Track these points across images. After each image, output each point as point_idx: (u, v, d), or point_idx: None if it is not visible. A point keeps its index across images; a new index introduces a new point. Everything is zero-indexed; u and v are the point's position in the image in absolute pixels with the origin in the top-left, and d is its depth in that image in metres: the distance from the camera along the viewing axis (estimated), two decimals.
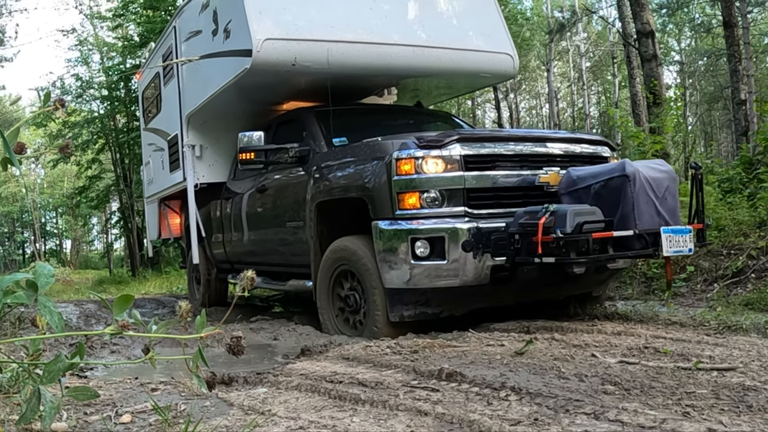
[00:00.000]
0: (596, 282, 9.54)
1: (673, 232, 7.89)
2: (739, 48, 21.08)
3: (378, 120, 11.58)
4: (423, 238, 7.98)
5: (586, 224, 7.49)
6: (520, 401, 4.84)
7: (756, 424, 4.18)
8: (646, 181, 7.98)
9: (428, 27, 11.45)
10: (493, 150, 8.51)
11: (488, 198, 8.33)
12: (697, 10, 52.97)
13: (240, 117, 12.48)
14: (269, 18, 10.36)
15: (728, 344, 6.84)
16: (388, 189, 8.23)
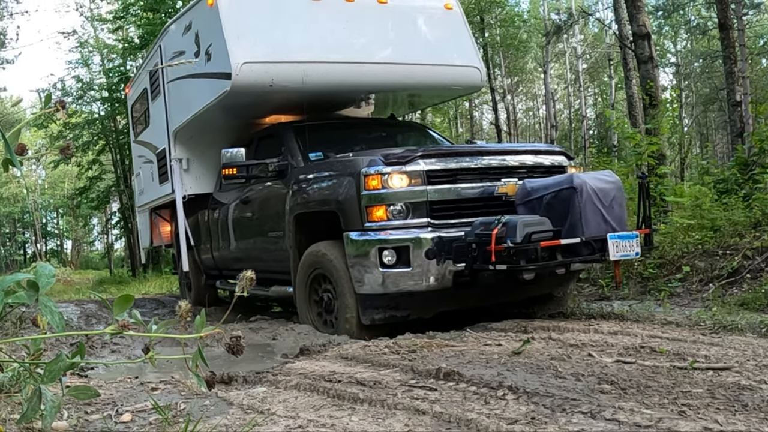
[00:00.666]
0: (555, 284, 10.06)
1: (619, 238, 8.50)
2: (734, 50, 21.08)
3: (353, 133, 12.20)
4: (390, 247, 8.56)
5: (535, 234, 8.13)
6: (517, 400, 4.84)
7: (751, 422, 4.18)
8: (593, 191, 8.55)
9: (399, 45, 12.13)
10: (453, 164, 9.11)
11: (450, 209, 8.91)
12: (693, 13, 52.98)
13: (224, 131, 12.93)
14: (247, 42, 10.94)
15: (724, 344, 6.84)
16: (358, 202, 8.78)
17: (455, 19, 12.93)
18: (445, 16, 12.84)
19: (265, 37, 11.19)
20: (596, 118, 60.74)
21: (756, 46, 50.91)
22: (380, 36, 12.16)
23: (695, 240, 12.56)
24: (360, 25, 11.92)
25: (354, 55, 11.61)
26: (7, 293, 3.01)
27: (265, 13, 11.49)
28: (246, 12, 11.31)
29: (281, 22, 11.38)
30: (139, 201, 17.91)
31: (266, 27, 11.30)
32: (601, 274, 13.18)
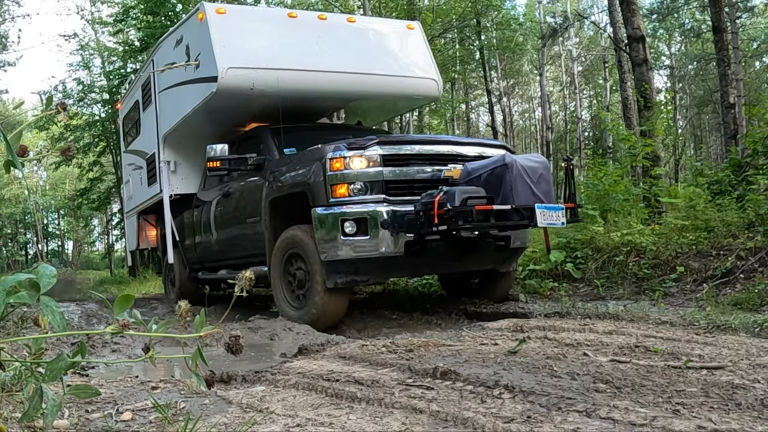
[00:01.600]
0: (499, 259, 11.43)
1: (546, 208, 9.79)
2: (728, 52, 21.09)
3: (323, 135, 12.62)
4: (350, 219, 9.87)
5: (470, 199, 9.40)
6: (514, 399, 4.84)
7: (745, 421, 4.18)
8: (523, 169, 9.81)
9: (365, 58, 13.79)
10: (406, 150, 10.52)
11: (403, 188, 10.19)
12: (687, 16, 53.10)
13: (209, 137, 13.71)
14: (232, 50, 12.46)
15: (717, 343, 6.85)
16: (324, 182, 10.08)
17: (416, 37, 14.67)
18: (407, 35, 14.65)
19: (247, 47, 12.72)
20: (591, 120, 60.90)
21: (749, 49, 51.06)
22: (348, 49, 13.69)
23: (689, 240, 12.57)
24: (331, 39, 13.55)
25: (324, 65, 13.09)
26: (9, 293, 3.00)
27: (248, 27, 13.11)
28: (231, 25, 12.80)
29: (262, 35, 13.17)
30: (127, 206, 19.54)
31: (248, 38, 12.88)
32: (596, 275, 13.20)
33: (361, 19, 15.99)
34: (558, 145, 57.75)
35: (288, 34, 13.32)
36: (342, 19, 14.79)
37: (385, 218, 9.78)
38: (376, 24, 15.97)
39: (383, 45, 14.43)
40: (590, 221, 14.76)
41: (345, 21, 14.54)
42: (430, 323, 10.66)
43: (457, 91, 54.24)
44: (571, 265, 13.77)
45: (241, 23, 13.11)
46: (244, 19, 13.41)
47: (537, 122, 67.64)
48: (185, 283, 15.78)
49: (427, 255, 10.23)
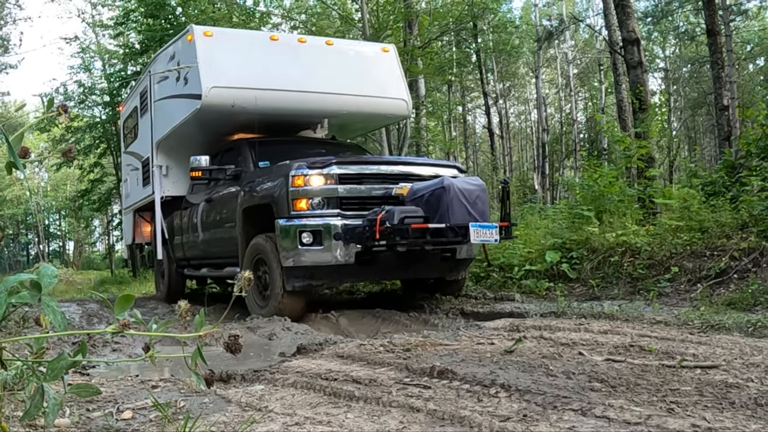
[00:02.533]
0: (446, 269, 12.47)
1: (479, 227, 10.81)
2: (722, 55, 21.13)
3: (298, 149, 14.19)
4: (308, 230, 10.96)
5: (407, 218, 10.48)
6: (510, 398, 4.84)
7: (738, 420, 4.19)
8: (460, 191, 10.86)
9: (340, 79, 14.66)
10: (360, 170, 11.56)
11: (356, 204, 11.25)
12: (682, 19, 53.05)
13: (198, 144, 15.02)
14: (216, 71, 13.49)
15: (711, 343, 6.85)
16: (286, 196, 11.18)
17: (390, 60, 15.66)
18: (382, 57, 15.67)
19: (230, 68, 13.74)
20: (587, 122, 60.84)
21: (743, 52, 51.03)
22: (325, 71, 14.59)
23: (683, 241, 12.58)
24: (309, 61, 14.58)
25: (301, 86, 14.14)
26: (10, 293, 3.00)
27: (232, 49, 14.10)
28: (217, 47, 13.87)
29: (244, 57, 14.07)
30: (125, 203, 20.71)
31: (232, 60, 13.89)
32: (591, 275, 13.21)
33: (339, 42, 16.67)
34: (554, 147, 57.77)
35: (269, 56, 14.37)
36: (321, 42, 15.59)
37: (338, 231, 10.92)
38: (353, 46, 17.18)
39: (358, 67, 15.37)
40: (586, 222, 14.77)
41: (323, 44, 15.39)
42: (427, 323, 10.67)
43: (454, 93, 54.28)
44: (567, 266, 13.79)
45: (226, 45, 14.15)
46: (229, 42, 14.40)
47: (533, 124, 67.64)
48: (173, 277, 17.03)
49: (375, 264, 11.42)
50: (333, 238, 10.89)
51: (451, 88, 51.62)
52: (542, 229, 16.38)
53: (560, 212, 17.32)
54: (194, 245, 15.26)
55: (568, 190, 32.45)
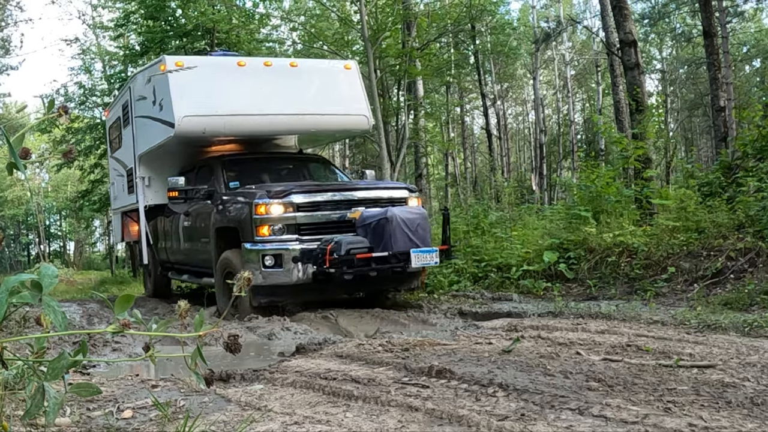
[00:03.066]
0: (398, 281, 13.24)
1: (420, 252, 11.99)
2: (718, 57, 21.10)
3: (268, 164, 15.62)
4: (270, 254, 12.11)
5: (353, 249, 11.73)
6: (508, 397, 4.85)
7: (735, 419, 4.19)
8: (402, 220, 12.03)
9: (303, 99, 15.45)
10: (317, 198, 12.65)
11: (313, 229, 12.40)
12: (678, 20, 53.08)
13: (178, 157, 16.25)
14: (187, 100, 14.24)
15: (708, 342, 6.86)
16: (250, 223, 12.29)
17: (352, 76, 16.26)
18: (344, 75, 16.29)
19: (200, 97, 14.40)
20: (584, 123, 60.79)
21: (739, 53, 51.12)
22: (289, 92, 15.37)
23: (680, 241, 12.59)
24: (274, 84, 15.30)
25: (266, 109, 14.98)
26: (12, 293, 3.00)
27: (202, 78, 14.64)
28: (188, 76, 14.33)
29: (213, 85, 14.76)
30: (113, 205, 21.78)
31: (202, 89, 14.53)
32: (589, 275, 13.21)
33: (303, 62, 17.62)
34: (551, 148, 57.74)
35: (237, 81, 15.06)
36: (285, 63, 16.60)
37: (296, 254, 12.06)
38: (317, 66, 18.20)
39: (322, 86, 16.03)
40: (583, 222, 14.77)
41: (288, 66, 16.27)
42: (426, 322, 10.70)
43: (452, 94, 54.19)
44: (564, 266, 13.79)
45: (196, 75, 14.57)
46: (199, 71, 14.72)
47: (531, 125, 67.61)
48: (158, 278, 18.35)
49: (331, 282, 12.27)
50: (292, 261, 12.08)
51: (449, 89, 51.55)
52: (540, 230, 16.39)
53: (558, 213, 17.33)
54: (176, 251, 16.48)
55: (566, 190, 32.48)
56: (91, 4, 52.52)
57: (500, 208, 21.45)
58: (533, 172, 52.99)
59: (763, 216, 11.97)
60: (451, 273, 15.69)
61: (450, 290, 14.52)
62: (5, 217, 78.92)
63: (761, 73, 51.89)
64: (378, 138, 30.16)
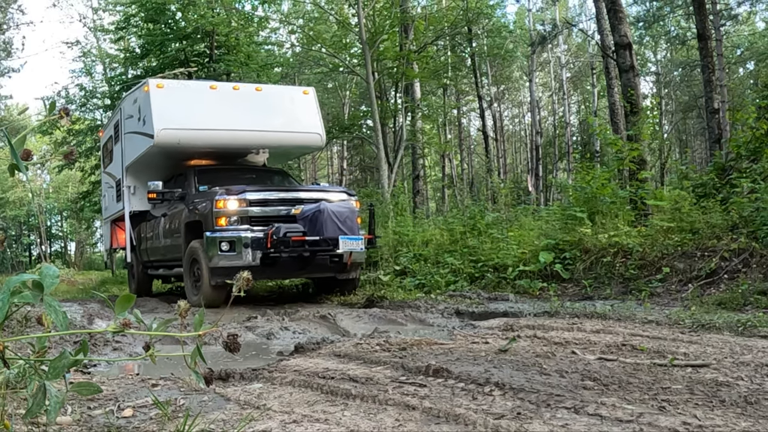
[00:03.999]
0: (336, 269, 15.18)
1: (348, 239, 14.21)
2: (712, 59, 21.14)
3: (234, 175, 17.40)
4: (226, 240, 14.17)
5: (289, 233, 13.97)
6: (504, 396, 4.84)
7: (728, 418, 4.19)
8: (332, 212, 14.21)
9: (266, 118, 17.73)
10: (265, 196, 14.76)
11: (263, 221, 14.39)
12: (673, 23, 53.14)
13: (160, 168, 18.20)
14: (165, 116, 16.45)
15: (702, 342, 6.86)
16: (211, 215, 14.44)
17: (309, 100, 18.60)
18: (302, 98, 18.65)
19: (177, 113, 16.69)
20: (579, 125, 60.90)
21: (733, 56, 51.17)
22: (254, 112, 17.60)
23: (675, 242, 12.60)
24: (241, 105, 17.57)
25: (234, 125, 17.23)
26: (13, 293, 3.00)
27: (179, 98, 17.13)
28: (166, 97, 16.86)
29: (189, 105, 17.03)
30: (104, 215, 24.35)
31: (178, 107, 16.84)
32: (584, 275, 13.22)
33: (266, 87, 19.73)
34: (547, 149, 57.80)
35: (209, 102, 17.29)
36: (251, 88, 18.54)
37: (247, 241, 14.12)
38: (278, 90, 20.71)
39: (282, 108, 18.36)
40: (578, 223, 14.79)
41: (253, 90, 18.41)
42: (423, 322, 10.68)
43: (449, 96, 54.21)
44: (560, 266, 13.83)
45: (175, 94, 17.15)
46: (177, 92, 17.35)
47: (527, 127, 67.65)
48: (141, 276, 20.44)
49: (277, 266, 14.48)
50: (243, 246, 14.13)
51: (446, 91, 51.56)
52: (536, 231, 16.43)
53: (553, 214, 17.35)
54: (155, 250, 18.59)
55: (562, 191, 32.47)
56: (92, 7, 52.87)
57: (497, 209, 21.43)
58: (529, 173, 53.01)
59: (756, 217, 11.98)
60: (448, 273, 15.73)
61: (447, 290, 14.57)
62: (7, 218, 78.89)
63: (755, 76, 51.86)
64: (376, 140, 30.29)
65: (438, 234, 18.92)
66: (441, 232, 18.91)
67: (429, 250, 17.89)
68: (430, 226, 21.57)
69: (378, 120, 30.62)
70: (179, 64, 32.16)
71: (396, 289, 15.28)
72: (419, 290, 15.16)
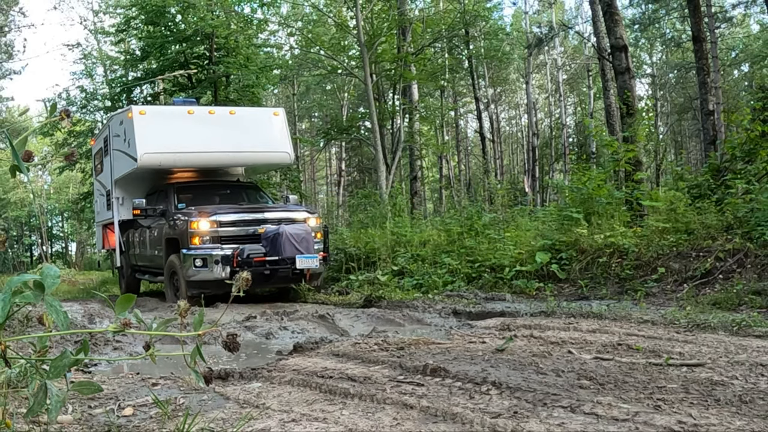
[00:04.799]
0: (295, 281, 16.56)
1: (304, 257, 15.76)
2: (707, 61, 21.13)
3: (210, 190, 19.32)
4: (199, 257, 15.70)
5: (251, 254, 15.70)
6: (501, 395, 4.85)
7: (723, 416, 4.19)
8: (290, 234, 15.80)
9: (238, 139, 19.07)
10: (234, 218, 16.24)
11: (231, 240, 15.95)
12: (668, 26, 53.14)
13: (146, 182, 19.82)
14: (147, 140, 17.89)
15: (697, 341, 6.86)
16: (186, 234, 15.95)
17: (279, 121, 20.00)
18: (272, 119, 20.15)
19: (157, 138, 18.07)
20: (576, 127, 60.81)
21: (728, 58, 51.20)
22: (227, 134, 18.96)
23: (670, 242, 12.60)
24: (215, 128, 18.89)
25: (209, 147, 18.64)
26: (14, 293, 3.00)
27: (159, 123, 18.54)
28: (149, 122, 18.32)
29: (168, 128, 18.43)
30: (96, 219, 26.46)
31: (159, 132, 18.22)
32: (580, 275, 13.22)
33: (240, 110, 21.16)
34: (543, 151, 57.82)
35: (187, 126, 18.60)
36: (225, 112, 20.08)
37: (218, 258, 15.61)
38: (250, 113, 22.02)
39: (254, 129, 19.76)
40: (575, 224, 14.79)
41: (227, 113, 19.86)
42: (421, 322, 10.67)
43: (447, 98, 54.18)
44: (556, 266, 13.81)
45: (155, 120, 18.64)
46: (157, 117, 18.99)
47: (523, 128, 67.63)
48: (129, 279, 21.72)
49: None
50: (214, 263, 15.63)
51: (443, 93, 51.50)
52: (532, 231, 16.42)
53: (550, 214, 17.35)
54: (142, 257, 19.97)
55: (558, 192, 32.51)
56: (92, 9, 52.69)
57: (493, 209, 21.43)
58: (526, 174, 53.03)
59: (751, 218, 11.99)
60: (446, 273, 15.73)
61: (444, 290, 14.56)
62: (8, 218, 78.84)
63: (749, 78, 51.93)
64: (374, 141, 30.26)
65: (435, 234, 18.94)
66: (438, 233, 18.95)
67: (426, 250, 17.90)
68: (428, 226, 21.61)
69: (376, 121, 30.62)
70: (179, 66, 32.20)
71: (394, 289, 15.26)
72: (417, 290, 15.16)
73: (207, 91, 33.56)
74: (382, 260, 18.35)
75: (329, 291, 16.76)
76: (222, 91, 33.42)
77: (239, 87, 33.83)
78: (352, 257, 19.54)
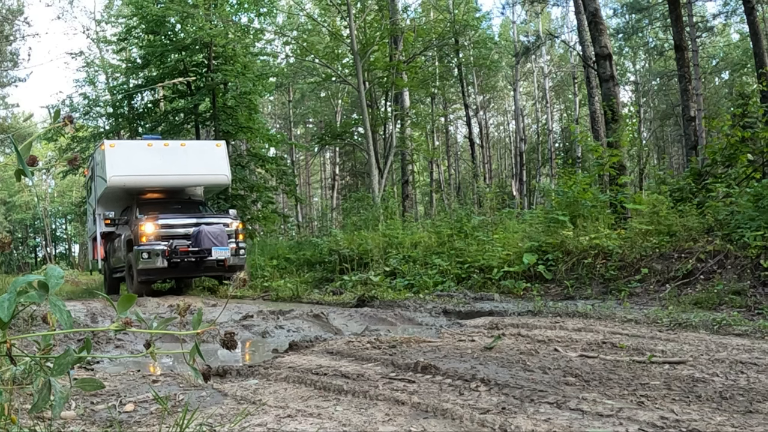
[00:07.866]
0: (222, 271, 20.35)
1: (218, 249, 19.57)
2: (689, 69, 21.19)
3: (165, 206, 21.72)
4: (146, 251, 19.34)
5: (178, 246, 19.35)
6: (489, 391, 4.85)
7: (704, 412, 4.20)
8: (208, 232, 19.59)
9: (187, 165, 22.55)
10: (172, 222, 19.99)
11: (171, 238, 19.65)
12: (651, 35, 53.26)
13: (120, 200, 23.00)
14: (115, 166, 21.36)
15: (679, 340, 6.87)
16: (137, 234, 19.64)
17: (221, 150, 23.54)
18: (215, 150, 23.62)
19: (122, 165, 21.46)
20: (562, 132, 61.01)
21: (709, 66, 51.36)
22: (179, 161, 22.42)
23: (653, 244, 12.62)
24: (169, 156, 22.36)
25: (164, 171, 22.00)
26: (19, 293, 2.99)
27: (125, 153, 22.10)
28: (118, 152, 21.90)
29: (131, 158, 21.86)
30: (88, 233, 29.96)
31: (124, 160, 21.63)
32: (566, 276, 13.23)
33: (189, 143, 25.58)
34: (531, 155, 57.86)
35: (146, 155, 21.97)
36: (177, 144, 23.93)
37: (159, 252, 19.35)
38: (197, 144, 26.55)
39: (198, 157, 23.16)
40: (561, 226, 14.80)
41: (179, 145, 23.61)
42: (412, 321, 10.66)
43: (437, 105, 54.22)
44: (543, 267, 13.83)
45: (123, 150, 22.34)
46: (125, 149, 22.76)
47: (511, 134, 67.81)
48: (110, 280, 24.51)
49: (179, 267, 19.86)
50: (156, 255, 19.37)
51: (434, 100, 51.58)
52: (520, 233, 16.44)
53: (537, 217, 17.36)
54: (117, 260, 23.06)
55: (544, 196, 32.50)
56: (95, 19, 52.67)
57: (482, 212, 21.54)
58: (513, 178, 53.11)
59: (731, 220, 12.01)
60: (436, 274, 15.75)
61: (435, 290, 14.58)
62: (14, 221, 78.83)
63: (729, 85, 52.02)
64: (367, 146, 30.34)
65: (426, 236, 18.97)
66: (429, 235, 18.98)
67: (418, 252, 17.92)
68: (419, 229, 21.63)
69: (369, 127, 30.72)
70: (179, 73, 32.19)
71: (386, 290, 15.26)
72: (408, 290, 15.16)
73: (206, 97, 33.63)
74: (374, 261, 18.39)
75: (323, 291, 16.69)
76: (220, 97, 33.48)
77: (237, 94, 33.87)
78: (346, 258, 19.59)
